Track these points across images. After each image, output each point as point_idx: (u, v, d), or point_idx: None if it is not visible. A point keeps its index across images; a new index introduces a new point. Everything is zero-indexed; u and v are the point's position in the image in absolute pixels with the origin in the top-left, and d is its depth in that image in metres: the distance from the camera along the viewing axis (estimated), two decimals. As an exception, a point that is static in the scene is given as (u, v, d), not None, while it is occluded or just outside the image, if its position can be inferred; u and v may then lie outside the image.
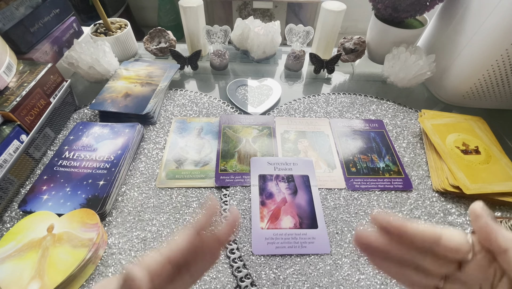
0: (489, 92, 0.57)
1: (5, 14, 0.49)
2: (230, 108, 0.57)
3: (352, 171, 0.47)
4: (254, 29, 0.64)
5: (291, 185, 0.44)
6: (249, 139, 0.51)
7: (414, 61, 0.56)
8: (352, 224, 0.41)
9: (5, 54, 0.47)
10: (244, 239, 0.39)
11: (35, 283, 0.32)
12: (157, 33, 0.68)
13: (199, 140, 0.51)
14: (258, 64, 0.70)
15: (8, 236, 0.35)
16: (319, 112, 0.57)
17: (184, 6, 0.61)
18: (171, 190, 0.44)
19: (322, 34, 0.66)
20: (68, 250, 0.34)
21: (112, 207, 0.41)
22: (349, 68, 0.70)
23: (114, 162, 0.44)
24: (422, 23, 0.63)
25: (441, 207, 0.43)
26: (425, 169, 0.48)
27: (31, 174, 0.45)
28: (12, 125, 0.44)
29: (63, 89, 0.52)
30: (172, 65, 0.62)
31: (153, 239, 0.39)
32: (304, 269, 0.36)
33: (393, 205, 0.43)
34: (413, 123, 0.56)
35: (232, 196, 0.43)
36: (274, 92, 0.61)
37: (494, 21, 0.48)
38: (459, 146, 0.49)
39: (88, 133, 0.49)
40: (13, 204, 0.42)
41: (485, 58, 0.52)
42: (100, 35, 0.64)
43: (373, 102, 0.60)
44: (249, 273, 0.36)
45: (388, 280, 0.36)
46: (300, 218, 0.41)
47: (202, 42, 0.68)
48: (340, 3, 0.62)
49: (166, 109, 0.57)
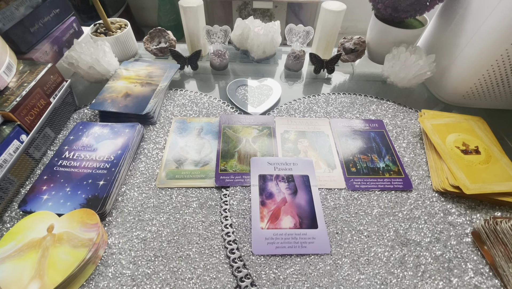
0: (489, 92, 0.57)
1: (5, 14, 0.49)
2: (230, 108, 0.57)
3: (352, 171, 0.47)
4: (254, 29, 0.64)
5: (291, 185, 0.44)
6: (249, 139, 0.51)
7: (414, 61, 0.56)
8: (352, 224, 0.41)
9: (5, 54, 0.47)
10: (244, 239, 0.39)
11: (35, 283, 0.32)
12: (157, 33, 0.68)
13: (199, 140, 0.51)
14: (258, 64, 0.70)
15: (8, 236, 0.35)
16: (319, 112, 0.57)
17: (184, 6, 0.61)
18: (171, 190, 0.44)
19: (322, 34, 0.66)
20: (68, 250, 0.34)
21: (112, 207, 0.41)
22: (349, 68, 0.70)
23: (114, 162, 0.44)
24: (422, 23, 0.63)
25: (441, 207, 0.43)
26: (425, 169, 0.48)
27: (31, 174, 0.45)
28: (12, 125, 0.44)
29: (63, 89, 0.52)
30: (172, 65, 0.62)
31: (153, 239, 0.39)
32: (304, 269, 0.36)
33: (393, 205, 0.43)
34: (413, 123, 0.56)
35: (232, 196, 0.43)
36: (274, 92, 0.61)
37: (494, 21, 0.48)
38: (459, 146, 0.49)
39: (88, 133, 0.49)
40: (13, 204, 0.42)
41: (485, 58, 0.52)
42: (100, 35, 0.64)
43: (373, 102, 0.60)
44: (249, 273, 0.36)
45: (388, 280, 0.36)
46: (300, 218, 0.41)
47: (202, 42, 0.68)
48: (340, 3, 0.62)
49: (166, 109, 0.57)
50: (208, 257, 0.37)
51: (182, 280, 0.35)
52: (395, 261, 0.37)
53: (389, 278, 0.36)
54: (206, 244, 0.38)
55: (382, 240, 0.39)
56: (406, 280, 0.36)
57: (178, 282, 0.35)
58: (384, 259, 0.38)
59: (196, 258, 0.37)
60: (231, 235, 0.39)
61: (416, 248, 0.39)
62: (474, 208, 0.43)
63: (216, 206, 0.42)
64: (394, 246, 0.39)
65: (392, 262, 0.37)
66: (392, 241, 0.39)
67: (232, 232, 0.39)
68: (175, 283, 0.35)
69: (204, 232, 0.40)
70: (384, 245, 0.39)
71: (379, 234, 0.40)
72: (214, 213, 0.42)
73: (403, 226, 0.41)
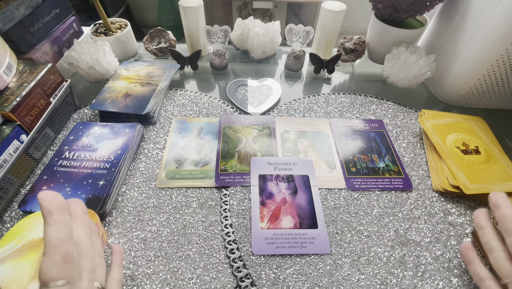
0: (489, 92, 0.57)
1: (5, 14, 0.49)
2: (230, 108, 0.57)
3: (352, 171, 0.47)
4: (254, 29, 0.64)
5: (291, 185, 0.44)
6: (249, 139, 0.51)
7: (414, 61, 0.56)
8: (352, 224, 0.41)
9: (5, 54, 0.47)
10: (244, 239, 0.39)
11: (35, 283, 0.31)
12: (157, 33, 0.68)
13: (199, 140, 0.51)
14: (258, 64, 0.70)
15: (8, 236, 0.35)
16: (319, 112, 0.57)
17: (184, 6, 0.61)
18: (171, 190, 0.44)
19: (322, 34, 0.66)
20: (68, 250, 0.34)
21: (112, 207, 0.41)
22: (349, 68, 0.70)
23: (114, 162, 0.44)
24: (422, 23, 0.63)
25: (441, 207, 0.43)
26: (425, 169, 0.48)
27: (31, 174, 0.45)
28: (12, 125, 0.44)
29: (63, 89, 0.52)
30: (172, 65, 0.62)
31: (153, 239, 0.39)
32: (304, 269, 0.36)
33: (393, 205, 0.43)
34: (413, 123, 0.56)
35: (232, 196, 0.43)
36: (274, 92, 0.61)
37: (494, 21, 0.48)
38: (459, 145, 0.49)
39: (88, 133, 0.49)
40: (13, 204, 0.42)
41: (485, 58, 0.52)
42: (100, 35, 0.64)
43: (373, 102, 0.60)
44: (249, 273, 0.36)
45: (388, 280, 0.36)
46: (300, 218, 0.41)
47: (202, 42, 0.68)
48: (340, 3, 0.62)
49: (166, 109, 0.57)
50: (208, 257, 0.37)
51: (182, 280, 0.35)
52: (395, 261, 0.37)
53: (389, 278, 0.36)
54: (206, 244, 0.38)
55: (382, 240, 0.39)
56: (406, 280, 0.36)
57: (178, 282, 0.35)
58: (384, 259, 0.38)
59: (196, 258, 0.37)
60: (231, 235, 0.39)
61: (416, 248, 0.39)
62: (474, 208, 0.43)
63: (216, 206, 0.42)
64: (394, 246, 0.39)
65: (392, 262, 0.37)
66: (392, 241, 0.39)
67: (232, 232, 0.39)
68: (175, 283, 0.35)
69: (204, 232, 0.40)
70: (384, 245, 0.39)
71: (379, 234, 0.40)
72: (214, 213, 0.42)
73: (403, 226, 0.41)
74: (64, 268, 0.22)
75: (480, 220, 0.29)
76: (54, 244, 0.22)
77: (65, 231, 0.23)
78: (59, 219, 0.23)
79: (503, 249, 0.25)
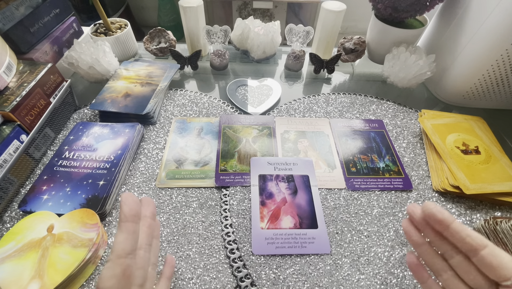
0: (489, 92, 0.57)
1: (5, 14, 0.49)
2: (230, 108, 0.57)
3: (352, 171, 0.47)
4: (254, 29, 0.64)
5: (291, 185, 0.44)
6: (249, 139, 0.51)
7: (414, 61, 0.56)
8: (352, 224, 0.41)
9: (5, 54, 0.47)
10: (244, 239, 0.39)
11: (35, 283, 0.32)
12: (157, 33, 0.68)
13: (199, 140, 0.51)
14: (258, 64, 0.70)
15: (8, 236, 0.35)
16: (319, 112, 0.57)
17: (184, 6, 0.61)
18: (171, 190, 0.44)
19: (322, 34, 0.66)
20: (68, 250, 0.34)
21: (112, 207, 0.41)
22: (349, 68, 0.70)
23: (114, 162, 0.44)
24: (422, 23, 0.63)
25: (441, 207, 0.43)
26: (425, 169, 0.48)
27: (31, 174, 0.45)
28: (12, 125, 0.44)
29: (63, 89, 0.52)
30: (172, 65, 0.62)
31: (153, 239, 0.39)
32: (304, 269, 0.36)
33: (393, 205, 0.43)
34: (413, 123, 0.56)
35: (232, 196, 0.43)
36: (274, 92, 0.61)
37: (494, 21, 0.48)
38: (459, 146, 0.49)
39: (88, 133, 0.49)
40: (13, 204, 0.42)
41: (485, 58, 0.52)
42: (100, 35, 0.64)
43: (373, 102, 0.60)
44: (249, 273, 0.36)
45: (388, 280, 0.36)
46: (300, 218, 0.41)
47: (202, 42, 0.68)
48: (340, 3, 0.62)
49: (166, 109, 0.57)
50: (208, 257, 0.37)
51: (182, 280, 0.35)
52: (395, 261, 0.37)
53: (389, 278, 0.36)
54: (206, 244, 0.38)
55: (382, 240, 0.39)
56: (406, 280, 0.36)
57: (178, 282, 0.35)
58: (384, 259, 0.38)
59: (196, 258, 0.37)
60: (231, 235, 0.39)
61: (416, 248, 0.39)
62: (474, 208, 0.43)
63: (216, 206, 0.42)
64: (394, 246, 0.39)
65: (392, 262, 0.37)
66: (392, 241, 0.39)
67: (232, 232, 0.39)
68: (175, 283, 0.35)
69: (204, 232, 0.40)
70: (384, 245, 0.39)
71: (379, 234, 0.40)
72: (214, 213, 0.42)
73: (403, 226, 0.41)
74: (121, 282, 0.22)
75: (416, 237, 0.27)
76: (119, 254, 0.23)
77: (133, 243, 0.24)
78: (131, 228, 0.24)
79: (449, 267, 0.25)
